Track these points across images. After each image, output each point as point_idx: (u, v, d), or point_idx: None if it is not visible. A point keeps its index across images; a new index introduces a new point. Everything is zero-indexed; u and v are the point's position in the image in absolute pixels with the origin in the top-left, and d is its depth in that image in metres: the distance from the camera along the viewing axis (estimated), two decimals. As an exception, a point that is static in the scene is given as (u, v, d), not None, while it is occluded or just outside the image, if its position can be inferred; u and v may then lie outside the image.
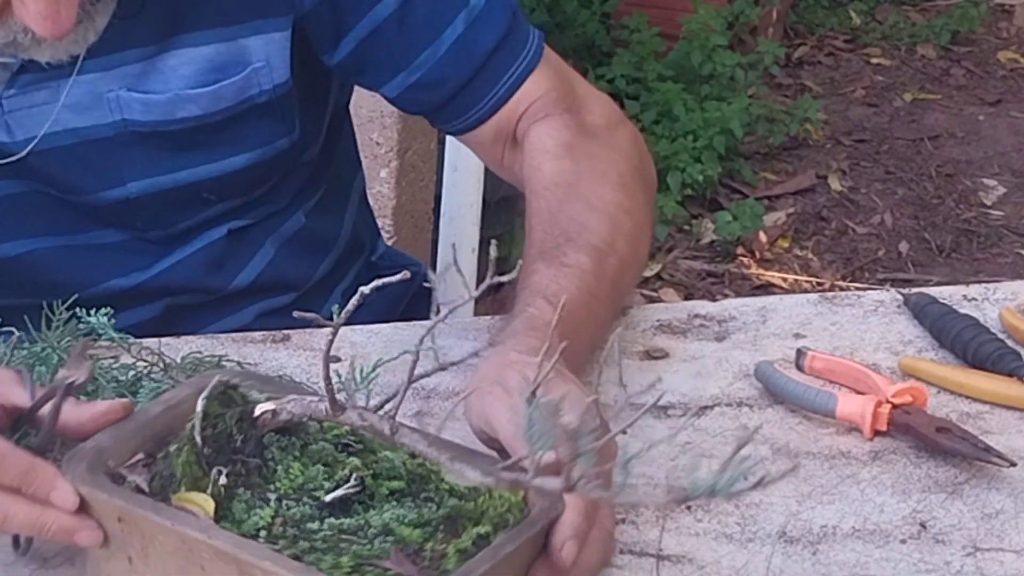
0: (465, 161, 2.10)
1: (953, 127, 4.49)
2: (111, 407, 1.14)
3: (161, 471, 1.12)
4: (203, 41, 1.42)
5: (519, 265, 1.20)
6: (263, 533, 1.08)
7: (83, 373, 1.16)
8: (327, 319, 1.05)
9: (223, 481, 1.11)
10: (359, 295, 1.02)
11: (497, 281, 1.05)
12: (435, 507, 1.10)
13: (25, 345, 1.32)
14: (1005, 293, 1.58)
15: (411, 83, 1.48)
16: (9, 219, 1.47)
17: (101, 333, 1.35)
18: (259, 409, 1.14)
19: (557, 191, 1.41)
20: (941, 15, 5.08)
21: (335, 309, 1.04)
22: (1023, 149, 4.38)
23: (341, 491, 1.11)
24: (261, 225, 1.57)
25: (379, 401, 1.09)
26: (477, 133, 1.51)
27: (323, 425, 1.16)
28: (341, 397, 1.10)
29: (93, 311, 1.35)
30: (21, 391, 1.15)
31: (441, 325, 1.03)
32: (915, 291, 1.55)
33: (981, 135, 4.46)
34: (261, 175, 1.52)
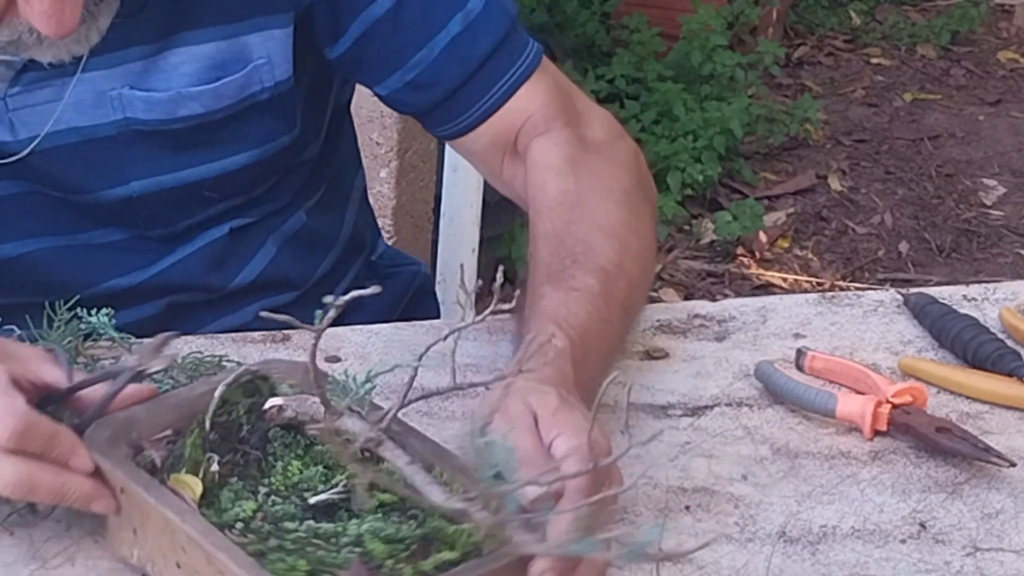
0: (465, 162, 2.10)
1: (953, 127, 4.49)
2: (138, 390, 1.18)
3: (175, 450, 1.14)
4: (205, 39, 1.42)
5: (519, 279, 1.19)
6: (239, 525, 1.09)
7: (160, 363, 1.18)
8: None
9: (214, 468, 1.13)
10: (334, 308, 1.02)
11: (499, 309, 1.05)
12: (415, 525, 1.09)
13: (26, 344, 1.32)
14: (1005, 293, 1.58)
15: (405, 83, 1.47)
16: (10, 219, 1.47)
17: (102, 332, 1.35)
18: (268, 403, 1.15)
19: (562, 211, 1.40)
20: (941, 15, 5.08)
21: (318, 314, 1.03)
22: (1023, 149, 4.38)
23: (324, 495, 1.11)
24: (263, 223, 1.57)
25: (379, 413, 1.10)
26: (469, 140, 1.50)
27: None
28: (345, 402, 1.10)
29: (94, 311, 1.36)
30: (57, 371, 1.18)
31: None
32: (915, 291, 1.56)
33: (981, 135, 4.46)
34: (262, 173, 1.52)
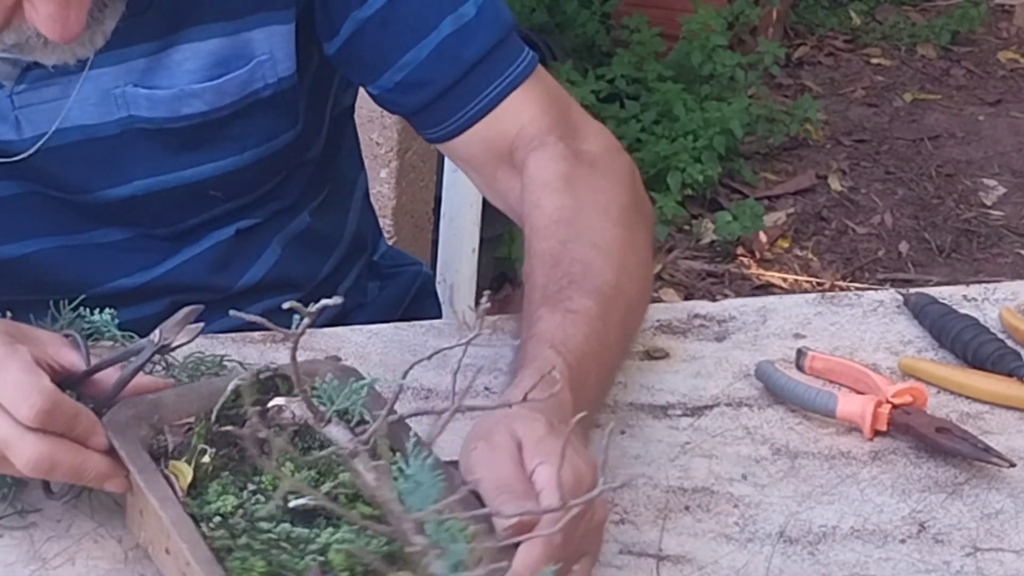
0: (465, 161, 2.10)
1: (953, 127, 4.49)
2: (153, 381, 1.20)
3: (189, 438, 1.16)
4: (208, 35, 1.42)
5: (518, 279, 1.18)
6: (217, 519, 1.10)
7: (185, 336, 1.18)
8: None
9: (206, 460, 1.14)
10: (307, 320, 1.02)
11: (478, 334, 1.06)
12: (385, 542, 1.08)
13: (44, 329, 1.32)
14: (1005, 293, 1.58)
15: (395, 83, 1.47)
16: (13, 220, 1.47)
17: (104, 331, 1.35)
18: (272, 402, 1.16)
19: (558, 229, 1.38)
20: (941, 15, 5.08)
21: (295, 319, 1.03)
22: (1023, 149, 4.38)
23: (302, 500, 1.11)
24: (268, 225, 1.57)
25: (367, 427, 1.10)
26: (459, 144, 1.49)
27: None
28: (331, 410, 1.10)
29: (96, 310, 1.36)
30: (74, 355, 1.19)
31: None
32: (915, 291, 1.56)
33: (981, 135, 4.46)
34: (265, 172, 1.52)
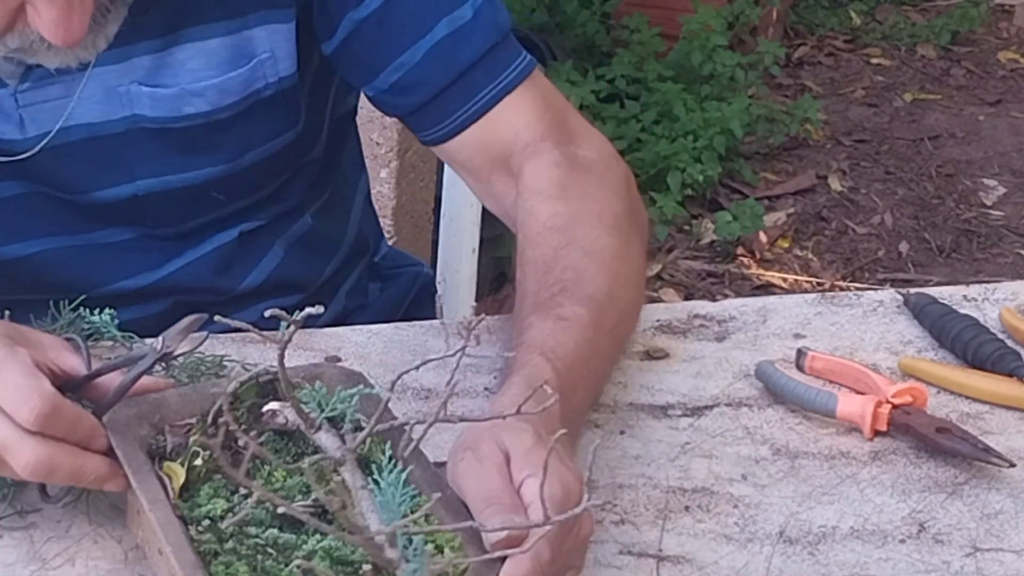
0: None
1: (953, 127, 4.50)
2: (155, 381, 1.20)
3: (187, 439, 1.16)
4: (210, 34, 1.42)
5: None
6: (206, 522, 1.10)
7: (187, 345, 1.19)
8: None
9: (198, 462, 1.14)
10: (292, 329, 1.02)
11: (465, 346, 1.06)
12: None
13: (45, 332, 1.32)
14: (1005, 293, 1.58)
15: (390, 84, 1.47)
16: (16, 220, 1.47)
17: (104, 332, 1.35)
18: (267, 407, 1.16)
19: (551, 236, 1.37)
20: (941, 15, 5.08)
21: (282, 325, 1.03)
22: (1023, 149, 4.38)
23: (290, 506, 1.11)
24: (271, 227, 1.57)
25: (359, 434, 1.10)
26: (454, 146, 1.48)
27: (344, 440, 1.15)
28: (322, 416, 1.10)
29: (96, 310, 1.36)
30: (75, 359, 1.19)
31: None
32: (915, 291, 1.56)
33: (981, 135, 4.46)
34: (268, 172, 1.52)
